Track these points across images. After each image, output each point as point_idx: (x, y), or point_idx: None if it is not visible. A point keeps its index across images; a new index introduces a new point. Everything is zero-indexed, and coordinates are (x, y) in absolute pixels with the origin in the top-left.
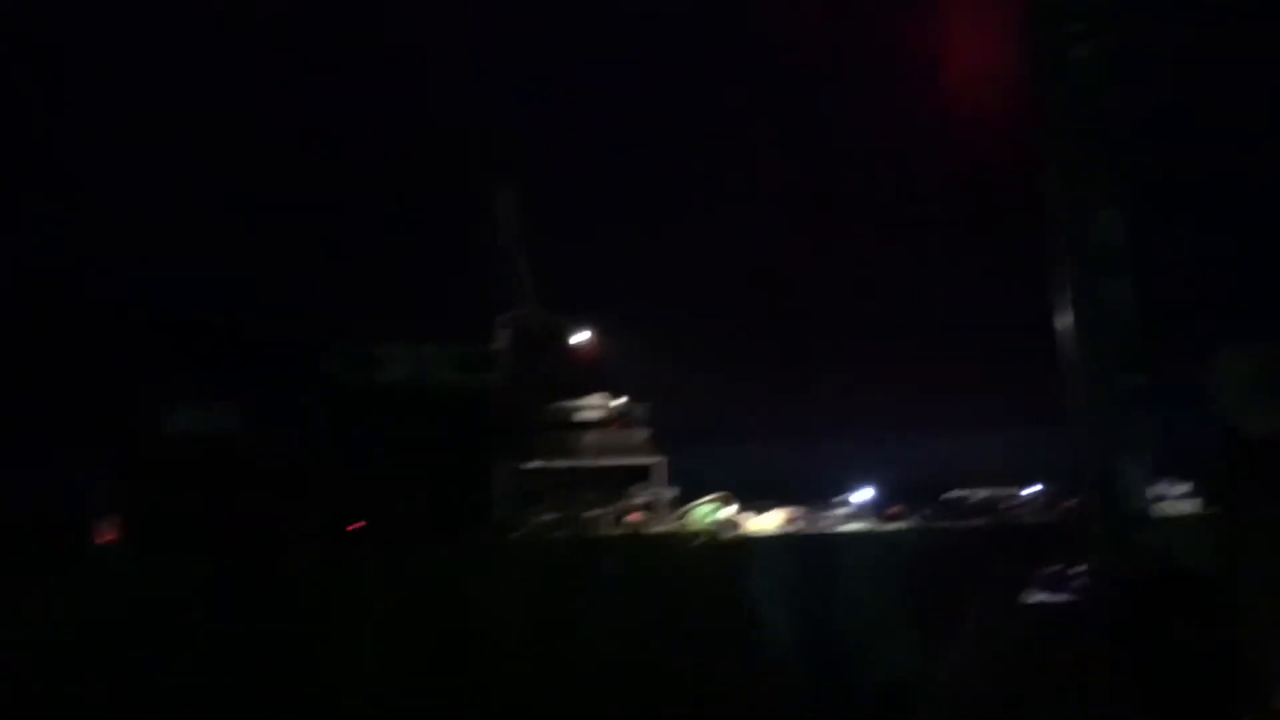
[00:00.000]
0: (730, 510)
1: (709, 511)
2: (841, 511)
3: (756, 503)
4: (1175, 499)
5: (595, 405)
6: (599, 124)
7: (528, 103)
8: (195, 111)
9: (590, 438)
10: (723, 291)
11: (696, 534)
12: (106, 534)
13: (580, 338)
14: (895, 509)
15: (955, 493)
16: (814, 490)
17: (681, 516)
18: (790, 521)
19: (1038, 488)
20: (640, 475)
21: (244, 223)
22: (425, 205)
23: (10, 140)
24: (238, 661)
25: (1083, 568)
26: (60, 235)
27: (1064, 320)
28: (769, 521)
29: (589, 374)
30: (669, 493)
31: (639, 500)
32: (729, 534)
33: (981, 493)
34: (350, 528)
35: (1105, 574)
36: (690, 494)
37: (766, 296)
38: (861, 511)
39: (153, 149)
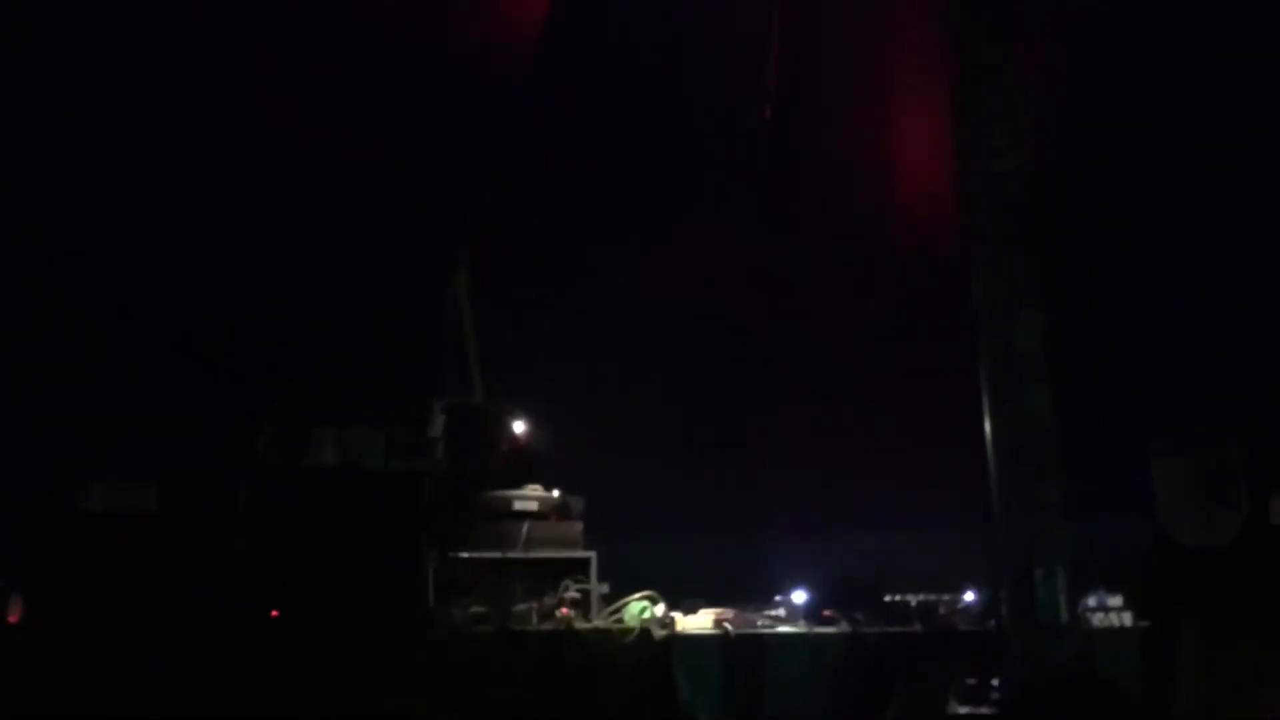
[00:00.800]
0: (661, 608)
1: (643, 609)
2: (774, 613)
3: (685, 601)
4: (1110, 611)
5: (532, 496)
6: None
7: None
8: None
9: (525, 529)
10: (658, 387)
11: (629, 630)
12: (11, 614)
13: (517, 426)
14: (828, 612)
15: (893, 596)
16: (746, 590)
17: (614, 613)
18: (720, 621)
19: (975, 594)
20: (573, 569)
21: (168, 290)
22: (365, 280)
23: None
24: None
25: (999, 680)
26: None
27: (988, 426)
28: (700, 621)
29: (524, 464)
30: (601, 588)
31: (570, 595)
32: (662, 632)
33: (919, 597)
34: (272, 614)
35: (1020, 686)
36: (619, 589)
37: (703, 394)
38: (795, 613)
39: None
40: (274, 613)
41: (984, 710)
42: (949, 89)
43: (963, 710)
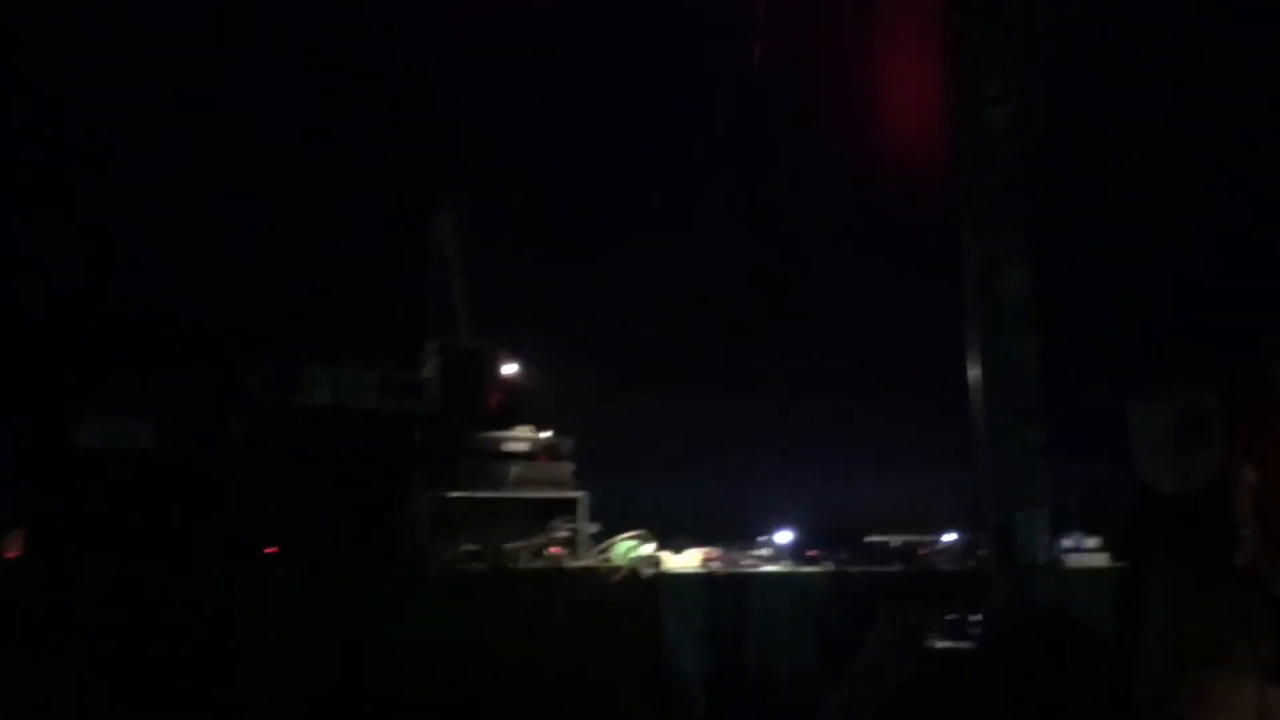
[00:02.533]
0: (650, 547)
1: (630, 548)
2: (759, 552)
3: (673, 541)
4: (1086, 551)
5: (522, 437)
6: (531, 152)
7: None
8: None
9: (515, 469)
10: (649, 328)
11: (617, 569)
12: (10, 549)
13: (508, 367)
14: (813, 552)
15: (875, 537)
16: (733, 530)
17: (602, 552)
18: (708, 561)
19: (956, 535)
20: (563, 509)
21: (162, 231)
22: (359, 221)
23: None
24: (138, 678)
25: (980, 616)
26: None
27: (973, 372)
28: (687, 560)
29: (516, 404)
30: (590, 527)
31: (560, 534)
32: (649, 571)
33: (901, 538)
34: (266, 550)
35: (999, 623)
36: (609, 529)
37: (691, 334)
38: (780, 553)
39: (68, 143)
40: (270, 549)
41: (963, 644)
42: (943, 37)
43: (942, 644)
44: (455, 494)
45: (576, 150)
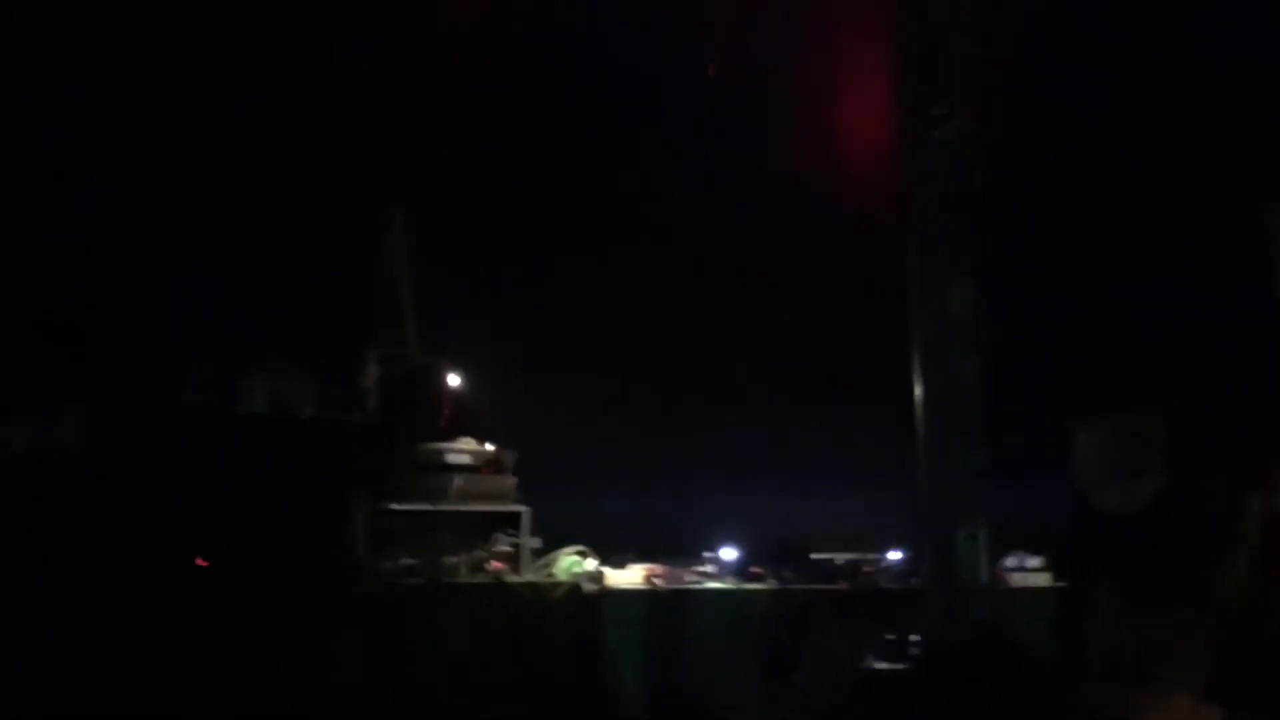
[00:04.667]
0: (593, 562)
1: (573, 563)
2: (703, 569)
3: (615, 556)
4: (1029, 570)
5: (465, 449)
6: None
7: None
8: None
9: (457, 482)
10: (591, 341)
11: (559, 584)
12: None
13: (451, 379)
14: (757, 569)
15: (820, 554)
16: (677, 546)
17: (545, 567)
18: (651, 577)
19: (900, 554)
20: (504, 522)
21: (94, 230)
22: (302, 226)
23: None
24: (59, 692)
25: (918, 636)
26: None
27: (918, 390)
28: (630, 576)
29: (457, 416)
30: (533, 542)
31: (502, 548)
32: (592, 586)
33: (845, 556)
34: (199, 561)
35: (936, 643)
36: (551, 544)
37: (636, 350)
38: (724, 570)
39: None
40: (200, 561)
41: (900, 665)
42: (891, 55)
43: (880, 665)
44: (395, 506)
45: (523, 164)
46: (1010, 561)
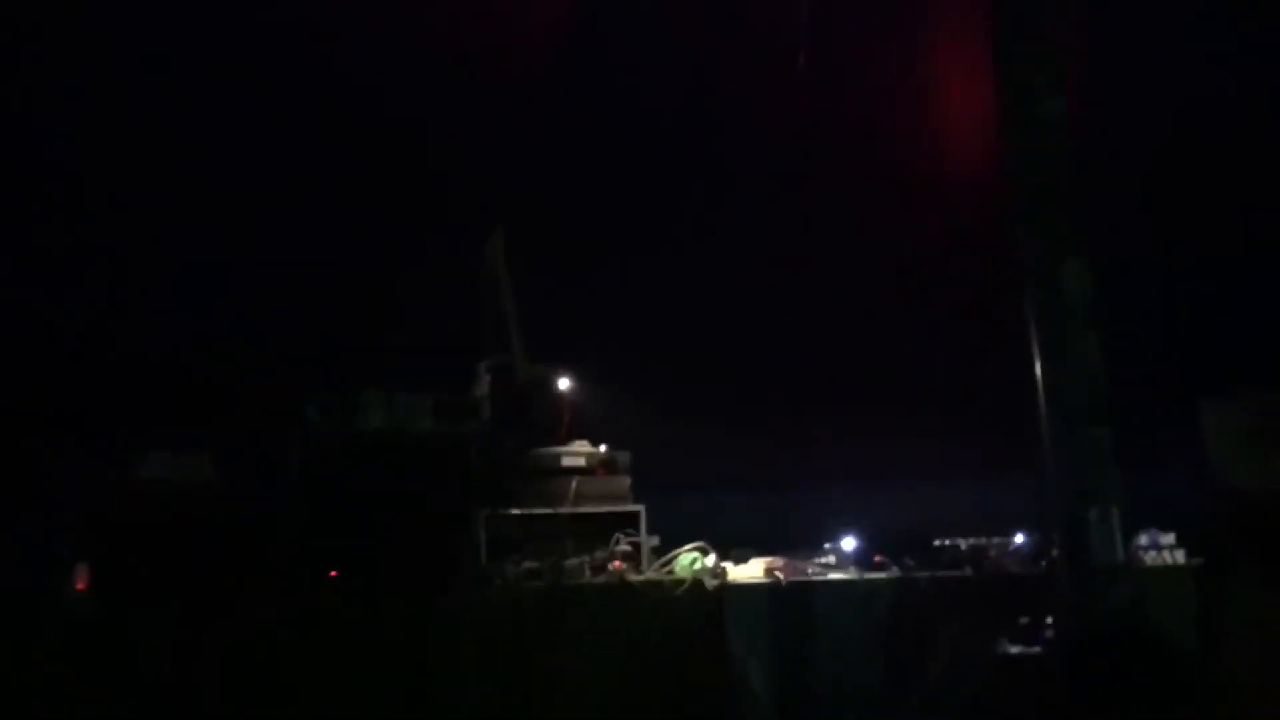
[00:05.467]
0: (713, 558)
1: (693, 560)
2: (823, 560)
3: (735, 551)
4: (1163, 549)
5: (578, 452)
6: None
7: (514, 148)
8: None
9: (573, 485)
10: (703, 340)
11: (681, 581)
12: (78, 581)
13: (562, 384)
14: (879, 557)
15: (943, 540)
16: (795, 539)
17: (665, 564)
18: (771, 570)
19: (1024, 537)
20: (622, 523)
21: (216, 265)
22: (408, 246)
23: None
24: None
25: (1052, 620)
26: (19, 275)
27: (1039, 370)
28: (751, 570)
29: (570, 421)
30: (650, 540)
31: (621, 548)
32: (714, 582)
33: (969, 541)
34: (329, 575)
35: (1072, 626)
36: (667, 542)
37: (748, 346)
38: (844, 560)
39: (126, 190)
40: (332, 573)
41: (1035, 649)
42: (991, 33)
43: (1014, 650)
44: (514, 512)
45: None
46: (1143, 540)
